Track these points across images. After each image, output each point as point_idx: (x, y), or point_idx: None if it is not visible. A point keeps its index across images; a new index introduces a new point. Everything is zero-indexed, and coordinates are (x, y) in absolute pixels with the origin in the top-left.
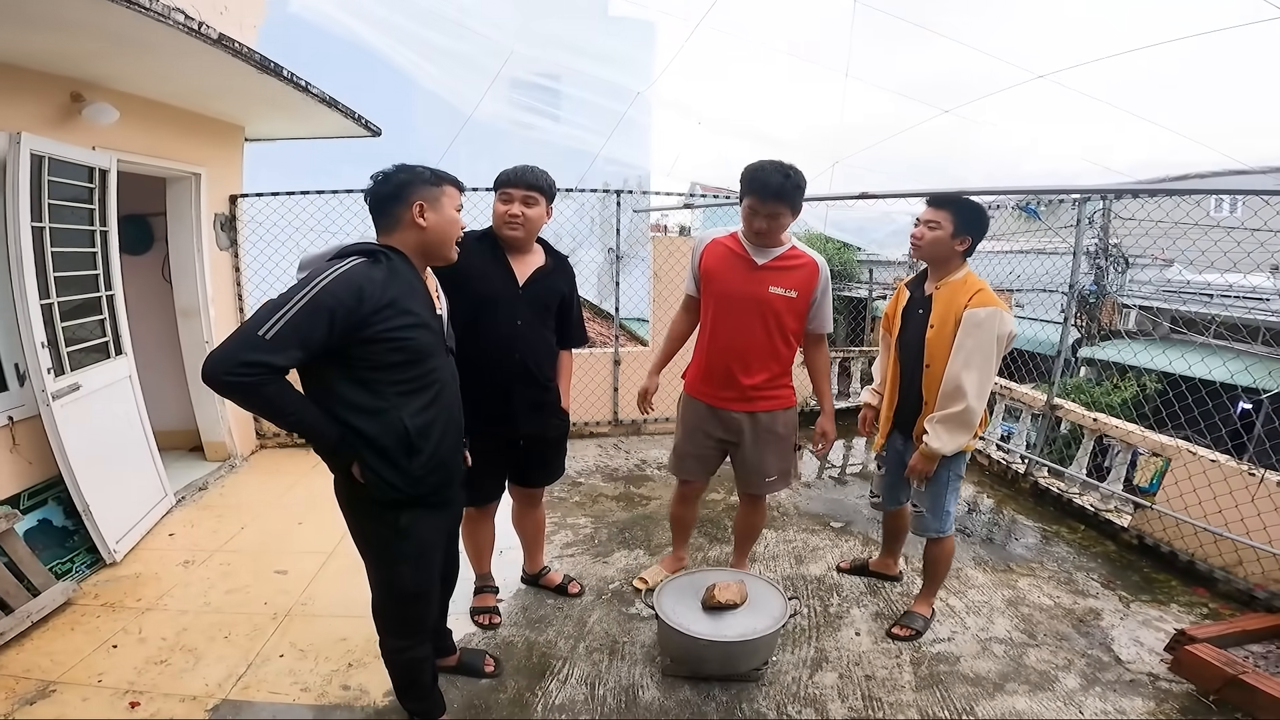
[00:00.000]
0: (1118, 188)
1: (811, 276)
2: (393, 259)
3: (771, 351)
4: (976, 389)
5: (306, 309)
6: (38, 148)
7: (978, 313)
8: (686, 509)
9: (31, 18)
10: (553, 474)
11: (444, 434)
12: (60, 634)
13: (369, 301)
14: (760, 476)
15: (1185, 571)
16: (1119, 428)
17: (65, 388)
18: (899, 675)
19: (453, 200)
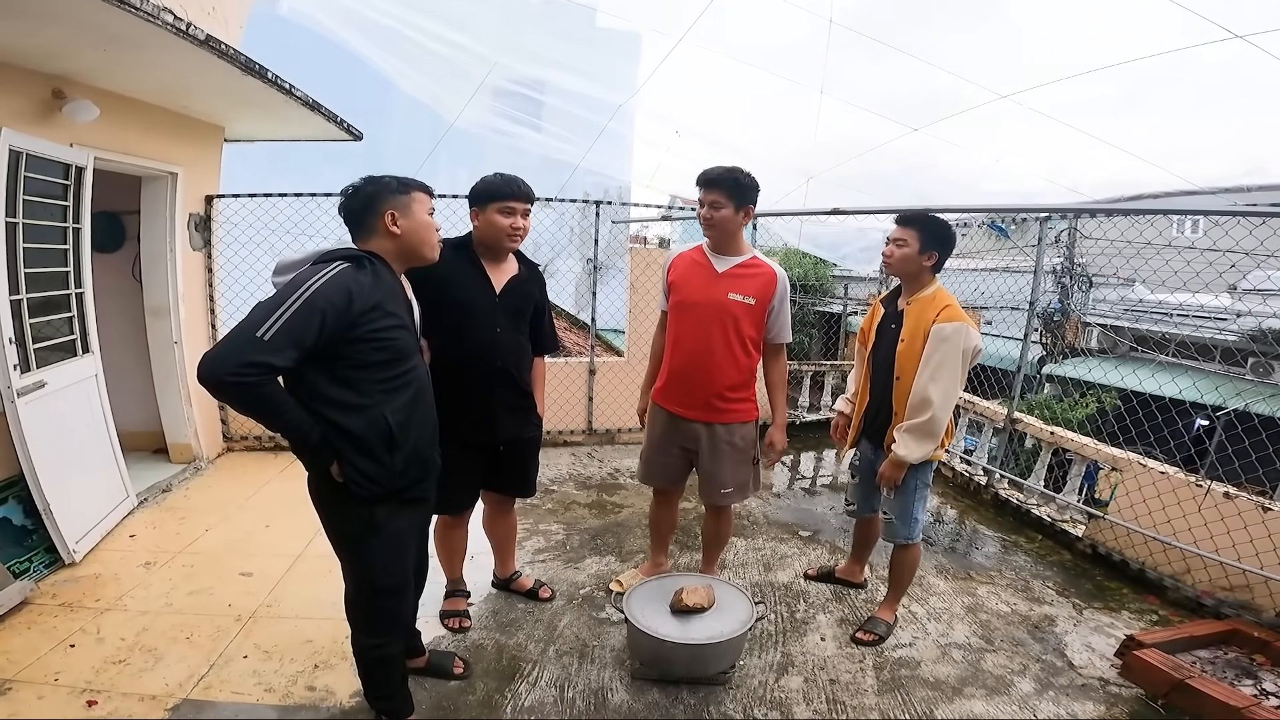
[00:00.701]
0: (1077, 207)
1: (769, 284)
2: (375, 264)
3: (731, 358)
4: (941, 400)
5: (301, 311)
6: (16, 143)
7: (944, 328)
8: (664, 513)
9: (24, 11)
10: (529, 484)
11: (421, 430)
12: (16, 633)
13: (358, 304)
14: (715, 488)
15: (1136, 579)
16: (1074, 440)
17: (30, 385)
18: (862, 679)
19: (423, 205)
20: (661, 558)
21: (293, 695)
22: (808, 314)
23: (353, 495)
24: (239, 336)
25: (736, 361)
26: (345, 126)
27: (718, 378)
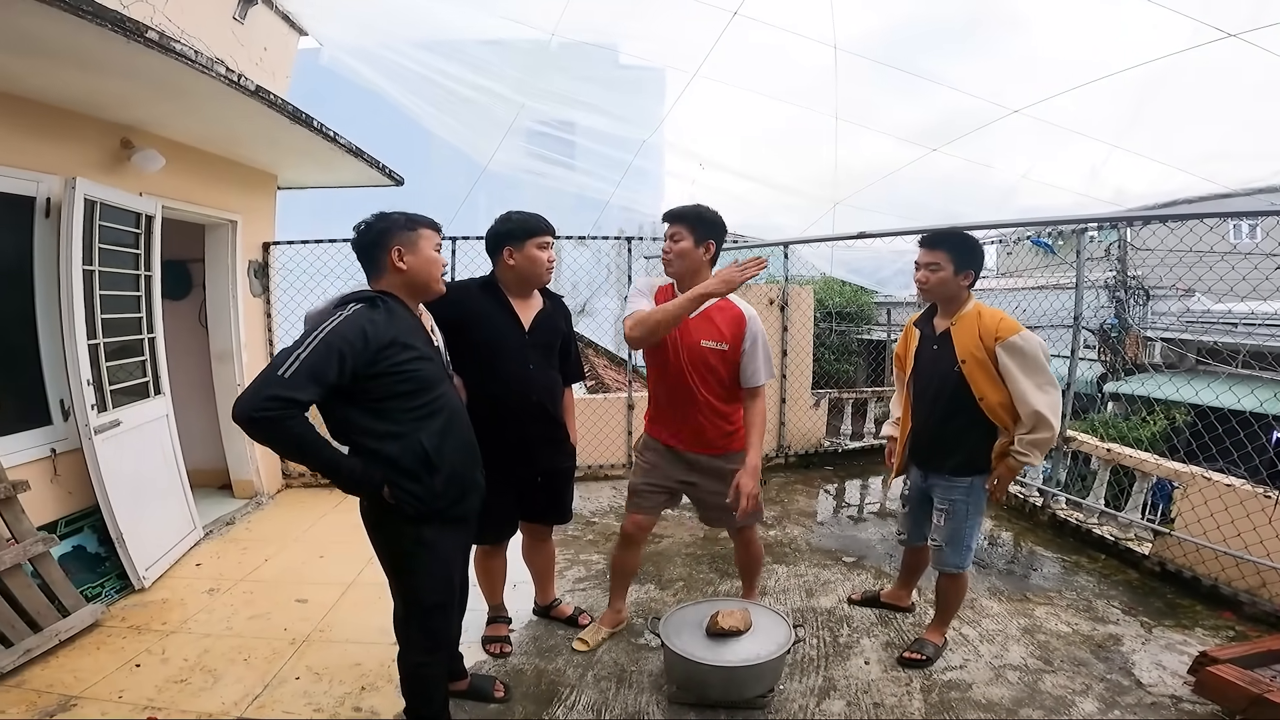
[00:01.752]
0: (1112, 216)
1: (739, 325)
2: (389, 302)
3: (708, 404)
4: (1052, 407)
5: (318, 349)
6: (91, 193)
7: (1014, 341)
8: (629, 554)
9: (89, 62)
10: (564, 513)
11: (458, 452)
12: (86, 653)
13: (374, 341)
14: (728, 514)
15: (1209, 596)
16: (1132, 456)
17: (106, 423)
18: (908, 703)
19: (429, 241)
20: (620, 604)
21: (340, 715)
22: (850, 342)
23: (402, 515)
24: (264, 377)
25: (713, 406)
26: (387, 172)
27: (702, 417)
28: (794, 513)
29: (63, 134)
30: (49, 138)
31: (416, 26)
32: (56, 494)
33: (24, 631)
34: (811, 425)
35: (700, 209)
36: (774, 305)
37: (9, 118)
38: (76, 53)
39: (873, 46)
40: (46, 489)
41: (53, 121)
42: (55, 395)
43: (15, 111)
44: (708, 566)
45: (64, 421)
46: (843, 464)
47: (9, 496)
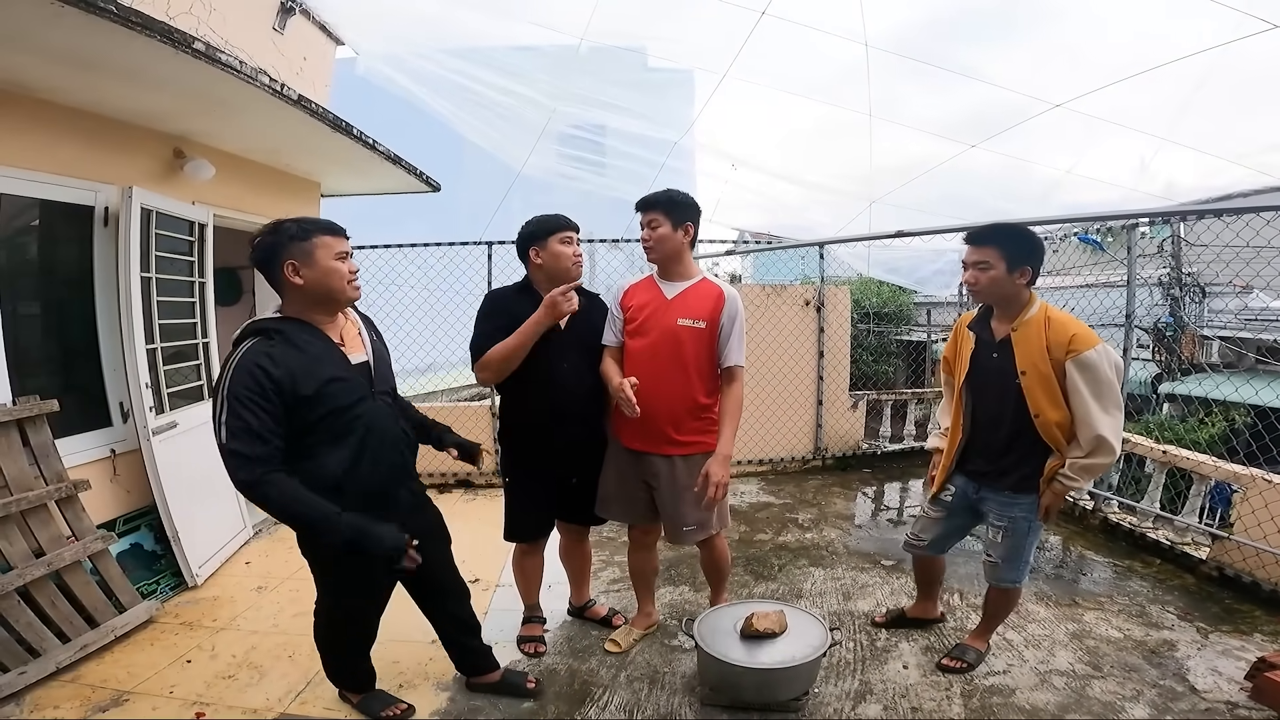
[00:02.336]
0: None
1: (717, 304)
2: (285, 331)
3: (687, 386)
4: (1115, 431)
5: (232, 410)
6: (146, 202)
7: (1088, 356)
8: (642, 557)
9: (139, 74)
10: (592, 512)
11: (374, 471)
12: (140, 648)
13: (272, 379)
14: (677, 525)
15: (1269, 601)
16: (1189, 459)
17: (164, 425)
18: (948, 708)
19: (328, 249)
20: (649, 607)
21: None
22: (889, 343)
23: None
24: (220, 449)
25: (691, 391)
26: (424, 178)
27: (674, 407)
28: (831, 515)
29: (118, 145)
30: (105, 149)
31: (449, 34)
32: (115, 493)
33: (81, 627)
34: (849, 427)
35: (671, 193)
36: (810, 306)
37: (68, 130)
38: (127, 64)
39: (904, 41)
40: (106, 488)
41: (108, 133)
42: (115, 398)
43: (73, 124)
44: (741, 569)
45: (123, 423)
46: (881, 467)
47: (70, 495)
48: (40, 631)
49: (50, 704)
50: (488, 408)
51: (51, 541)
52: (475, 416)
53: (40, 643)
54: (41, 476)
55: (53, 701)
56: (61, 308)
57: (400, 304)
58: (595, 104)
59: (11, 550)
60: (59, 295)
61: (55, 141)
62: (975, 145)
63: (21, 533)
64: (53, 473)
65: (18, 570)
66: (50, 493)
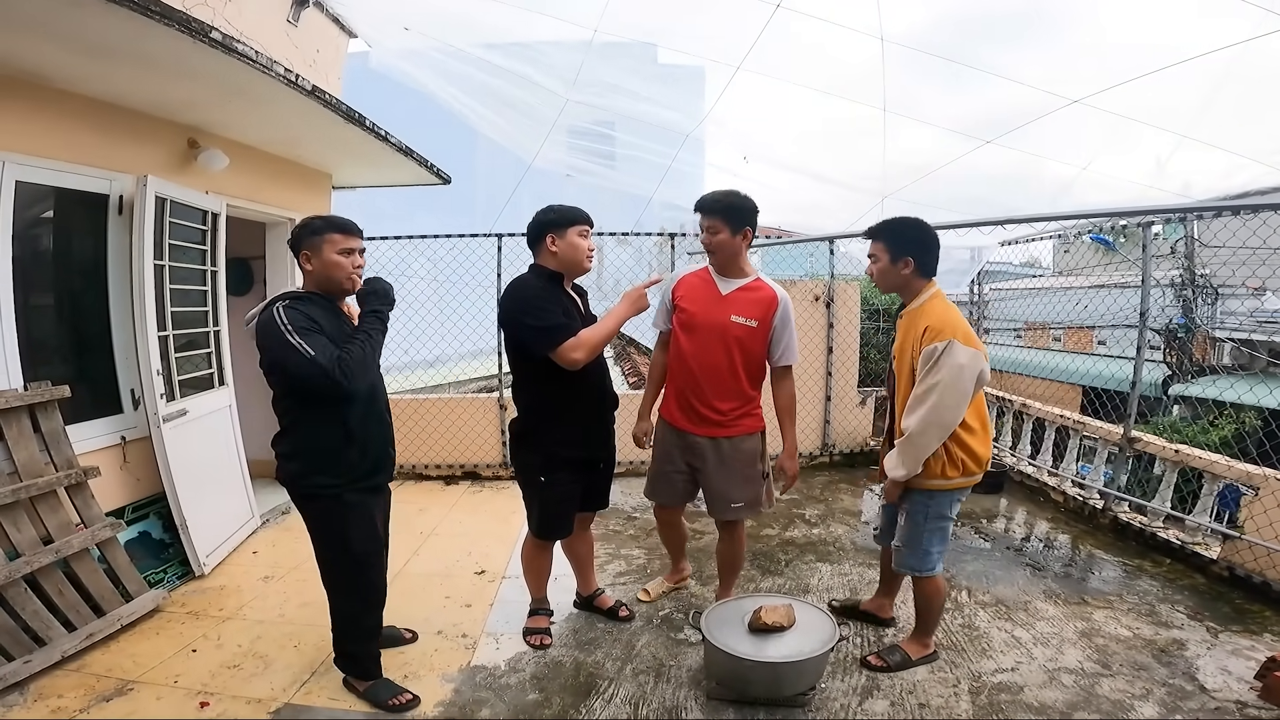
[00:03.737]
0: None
1: (770, 305)
2: (306, 300)
3: (734, 378)
4: (919, 424)
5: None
6: (161, 191)
7: (932, 348)
8: (670, 531)
9: (156, 63)
10: (607, 498)
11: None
12: (146, 638)
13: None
14: (725, 503)
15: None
16: (1202, 458)
17: (174, 412)
18: (955, 704)
19: (334, 245)
20: (682, 563)
21: None
22: None
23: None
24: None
25: (739, 382)
26: (435, 170)
27: (721, 396)
28: (838, 511)
29: (133, 135)
30: (121, 138)
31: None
32: (125, 480)
33: (88, 616)
34: (857, 423)
35: (732, 199)
36: (819, 302)
37: (84, 119)
38: (144, 53)
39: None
40: (116, 475)
41: (124, 123)
42: (126, 385)
43: (89, 113)
44: (749, 563)
45: (134, 410)
46: None
47: (80, 482)
48: (47, 620)
49: (54, 693)
50: (495, 400)
51: (60, 528)
52: (483, 409)
53: (46, 631)
54: (51, 463)
55: (57, 690)
56: (74, 295)
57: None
58: (607, 97)
59: (20, 537)
60: (72, 282)
61: (72, 131)
62: (990, 141)
63: (30, 519)
64: (63, 459)
65: (25, 558)
66: (60, 479)
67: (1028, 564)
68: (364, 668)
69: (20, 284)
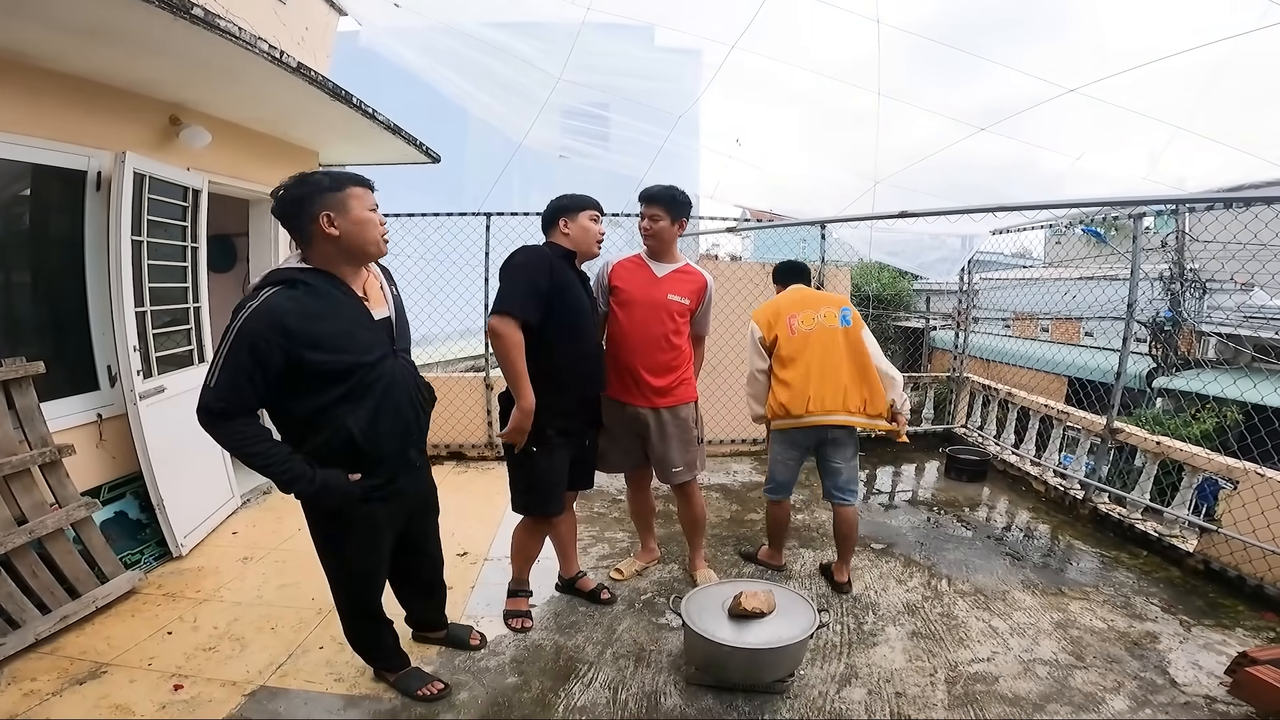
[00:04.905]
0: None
1: (701, 289)
2: (310, 283)
3: (670, 346)
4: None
5: (234, 352)
6: (140, 167)
7: None
8: (639, 502)
9: (136, 39)
10: (592, 478)
11: (390, 431)
12: (121, 620)
13: (290, 329)
14: (667, 467)
15: (1253, 596)
16: (1183, 450)
17: (152, 389)
18: (931, 693)
19: (362, 201)
20: (651, 543)
21: (359, 686)
22: (887, 329)
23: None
24: (202, 387)
25: (674, 348)
26: (424, 149)
27: (659, 366)
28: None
29: (113, 111)
30: (100, 115)
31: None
32: (101, 459)
33: (62, 598)
34: None
35: (674, 192)
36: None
37: (61, 96)
38: (122, 30)
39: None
40: (92, 454)
41: (104, 99)
42: (103, 361)
43: (67, 90)
44: (731, 548)
45: (111, 387)
46: (875, 450)
47: (54, 461)
48: (20, 602)
49: (28, 676)
50: (482, 379)
51: (34, 508)
52: (469, 388)
53: (20, 614)
54: (25, 440)
55: (30, 674)
56: (50, 271)
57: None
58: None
59: None
60: (48, 259)
61: (47, 107)
62: (985, 128)
63: (3, 499)
64: (37, 436)
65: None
66: (34, 457)
67: (1007, 553)
68: (387, 661)
69: None
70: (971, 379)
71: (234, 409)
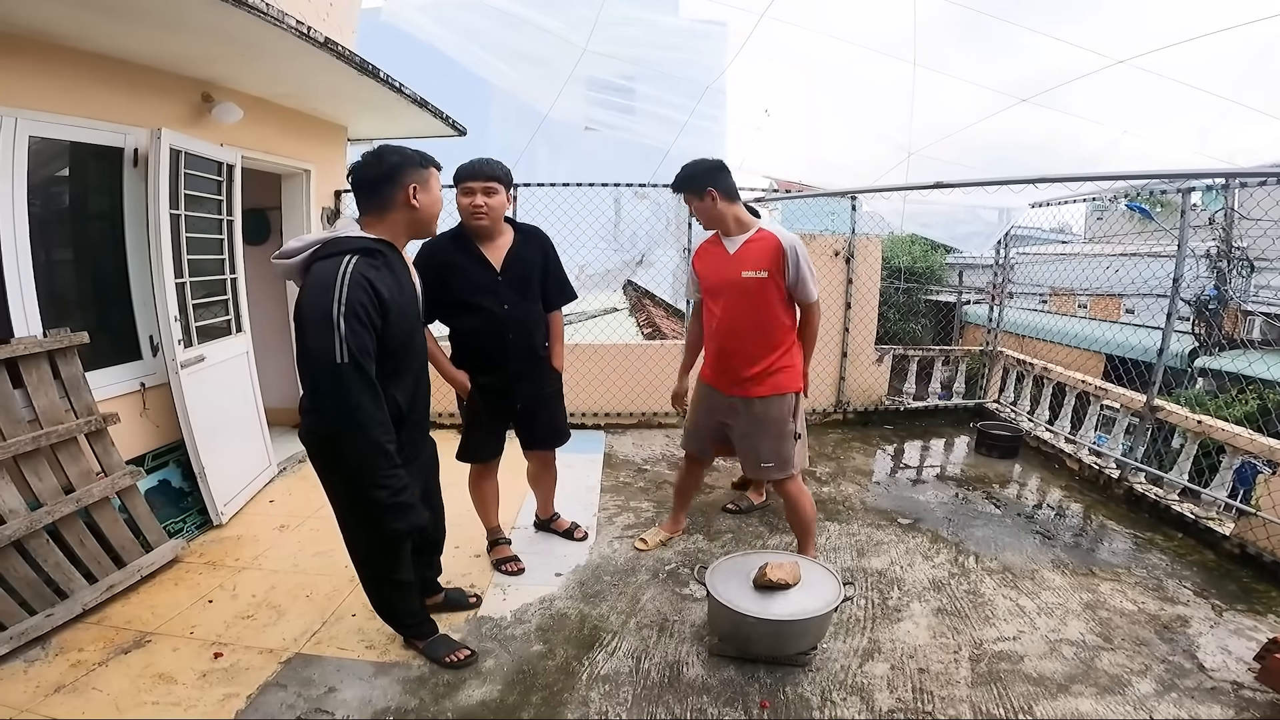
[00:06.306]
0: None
1: (776, 251)
2: (386, 254)
3: (759, 333)
4: None
5: (351, 327)
6: (175, 143)
7: None
8: (688, 481)
9: (166, 16)
10: (560, 435)
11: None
12: (165, 588)
13: (383, 299)
14: (754, 462)
15: None
16: (1225, 430)
17: (192, 358)
18: (955, 670)
19: (437, 182)
20: (681, 516)
21: (389, 653)
22: (917, 302)
23: None
24: (322, 377)
25: (765, 335)
26: (450, 122)
27: (748, 356)
28: (849, 470)
29: (148, 90)
30: (135, 93)
31: None
32: (145, 428)
33: (109, 567)
34: (873, 381)
35: (682, 172)
36: (839, 257)
37: (98, 75)
38: (150, 7)
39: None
40: (136, 422)
41: (138, 78)
42: (145, 332)
43: (101, 69)
44: (757, 519)
45: (153, 357)
46: (903, 424)
47: (100, 429)
48: (68, 572)
49: (75, 646)
50: None
51: (81, 477)
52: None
53: (68, 583)
54: (72, 409)
55: (78, 644)
56: (93, 245)
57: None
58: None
59: (41, 486)
60: (90, 233)
61: (83, 86)
62: (1026, 99)
63: (51, 467)
64: (83, 405)
65: (47, 507)
66: (80, 426)
67: (1038, 532)
68: (417, 628)
69: (40, 235)
70: (1005, 353)
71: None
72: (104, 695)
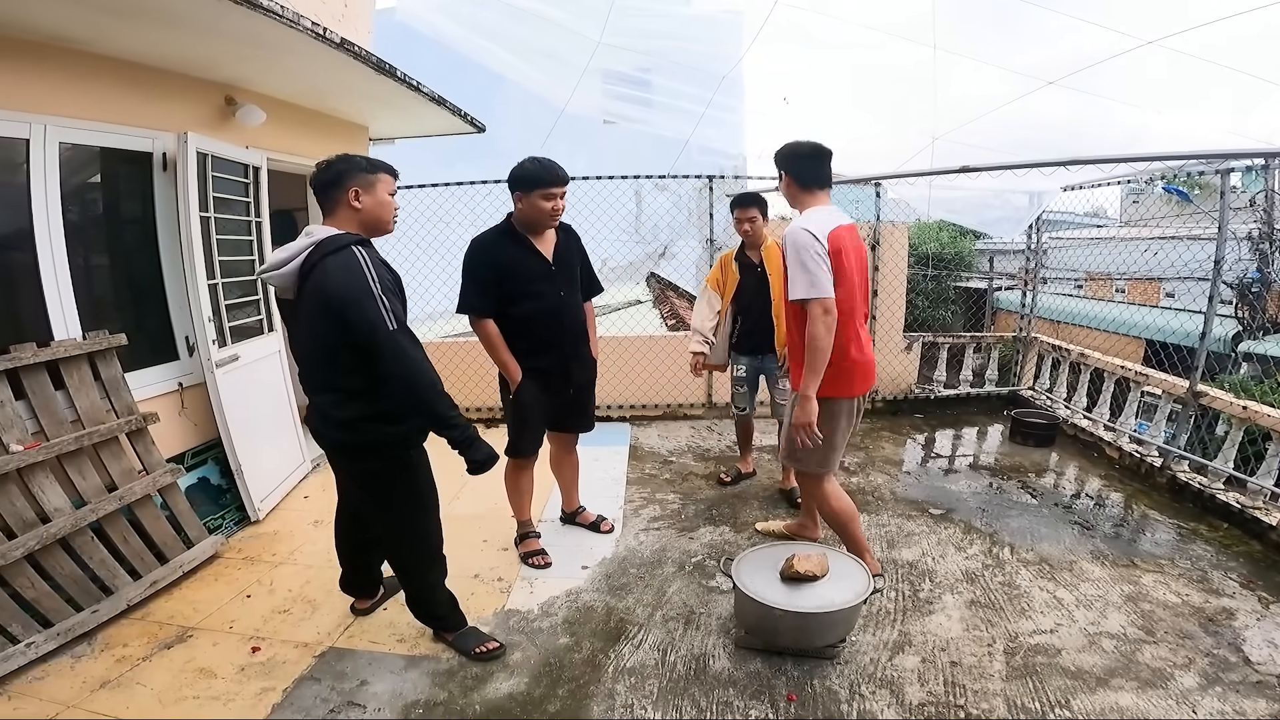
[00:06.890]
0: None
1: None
2: (370, 245)
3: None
4: None
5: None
6: (201, 146)
7: None
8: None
9: (182, 20)
10: (591, 421)
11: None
12: (205, 584)
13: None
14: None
15: None
16: (1271, 415)
17: (227, 358)
18: (989, 664)
19: (387, 186)
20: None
21: (419, 646)
22: (946, 290)
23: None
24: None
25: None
26: (469, 119)
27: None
28: (879, 460)
29: (172, 94)
30: (160, 98)
31: None
32: (183, 426)
33: (152, 563)
34: (901, 369)
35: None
36: (864, 245)
37: (120, 81)
38: (168, 11)
39: None
40: (174, 421)
41: (162, 83)
42: (181, 332)
43: (125, 74)
44: (785, 512)
45: (189, 356)
46: (934, 412)
47: (140, 428)
48: (113, 568)
49: (120, 642)
50: None
51: (123, 475)
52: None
53: (112, 580)
54: (112, 410)
55: (122, 639)
56: (127, 248)
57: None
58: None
59: (85, 484)
60: (124, 236)
61: (109, 92)
62: (1053, 82)
63: (94, 466)
64: (123, 405)
65: (91, 505)
66: (121, 425)
67: (1076, 522)
68: (449, 619)
69: (76, 240)
70: (1040, 339)
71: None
72: (147, 690)
